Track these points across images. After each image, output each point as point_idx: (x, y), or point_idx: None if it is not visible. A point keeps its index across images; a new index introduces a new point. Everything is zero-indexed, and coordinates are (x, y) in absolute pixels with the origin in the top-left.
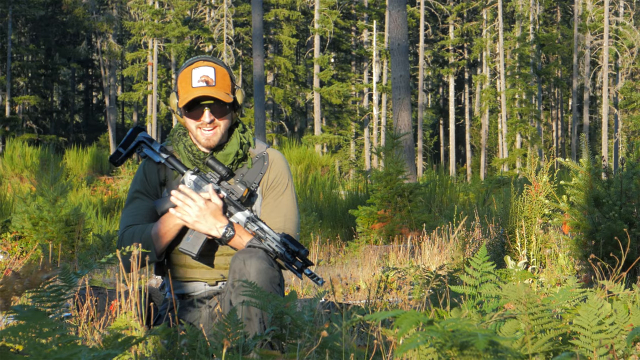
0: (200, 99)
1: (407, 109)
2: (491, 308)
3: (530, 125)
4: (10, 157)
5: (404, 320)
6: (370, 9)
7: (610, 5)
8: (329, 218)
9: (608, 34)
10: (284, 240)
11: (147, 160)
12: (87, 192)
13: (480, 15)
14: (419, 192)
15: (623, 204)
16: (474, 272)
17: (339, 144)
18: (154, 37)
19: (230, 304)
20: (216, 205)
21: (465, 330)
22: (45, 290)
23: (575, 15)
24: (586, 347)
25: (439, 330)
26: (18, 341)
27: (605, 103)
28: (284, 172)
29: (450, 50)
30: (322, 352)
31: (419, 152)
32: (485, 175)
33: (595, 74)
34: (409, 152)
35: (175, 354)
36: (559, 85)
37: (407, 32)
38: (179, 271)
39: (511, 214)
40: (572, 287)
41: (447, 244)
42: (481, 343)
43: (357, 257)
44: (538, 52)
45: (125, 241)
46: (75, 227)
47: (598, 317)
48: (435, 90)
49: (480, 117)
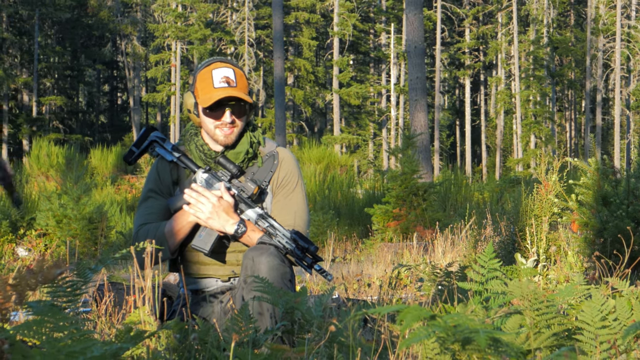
0: (225, 99)
1: (424, 110)
2: (497, 304)
3: (544, 126)
4: (37, 156)
5: (407, 315)
6: (388, 12)
7: (622, 9)
8: (346, 216)
9: (620, 36)
10: (294, 237)
11: (159, 159)
12: (111, 191)
13: (496, 19)
14: (433, 191)
15: (630, 203)
16: (481, 268)
17: (358, 144)
18: (177, 39)
19: (242, 299)
20: (228, 203)
21: (467, 325)
22: (61, 286)
23: (588, 19)
24: (589, 343)
25: (441, 325)
26: (33, 335)
27: (617, 104)
28: (294, 170)
29: (466, 52)
30: (331, 346)
31: (436, 152)
32: (501, 175)
33: (608, 76)
34: (425, 152)
35: (187, 348)
36: (573, 87)
37: (423, 35)
38: (192, 268)
39: (522, 213)
40: (577, 283)
41: (459, 242)
42: (482, 339)
43: (373, 255)
44: (552, 55)
45: (139, 239)
46: (99, 225)
47: (601, 313)
48: (451, 92)
49: (495, 118)
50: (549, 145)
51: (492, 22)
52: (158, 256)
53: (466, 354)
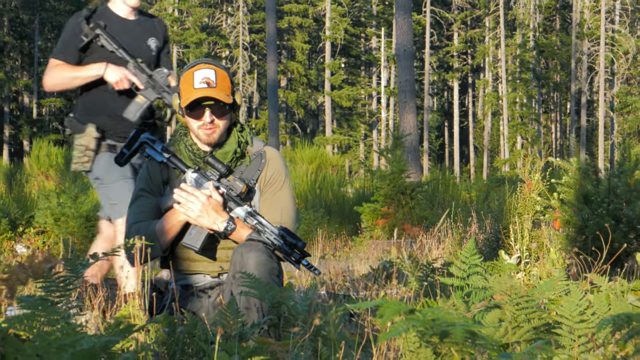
0: (202, 99)
1: (413, 112)
2: (478, 299)
3: (531, 127)
4: (37, 156)
5: (387, 310)
6: (379, 17)
7: (606, 14)
8: (337, 215)
9: (604, 40)
10: (281, 233)
11: (150, 160)
12: None
13: (483, 23)
14: (421, 190)
15: (611, 201)
16: (463, 264)
17: (349, 144)
18: (173, 43)
19: (231, 294)
20: (217, 201)
21: (445, 319)
22: (53, 280)
23: (574, 23)
24: (568, 337)
25: (419, 319)
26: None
27: (601, 106)
28: (281, 169)
29: (455, 56)
30: (315, 340)
31: (425, 152)
32: (488, 174)
33: (592, 78)
34: (414, 152)
35: (175, 341)
36: (558, 90)
37: (412, 38)
38: (183, 264)
39: (506, 211)
40: (557, 279)
41: (445, 239)
42: (459, 332)
43: (361, 252)
44: (538, 58)
45: (131, 237)
46: (95, 223)
47: (579, 308)
48: (440, 94)
49: (483, 120)
50: (535, 145)
51: (479, 27)
52: (149, 253)
53: (445, 347)
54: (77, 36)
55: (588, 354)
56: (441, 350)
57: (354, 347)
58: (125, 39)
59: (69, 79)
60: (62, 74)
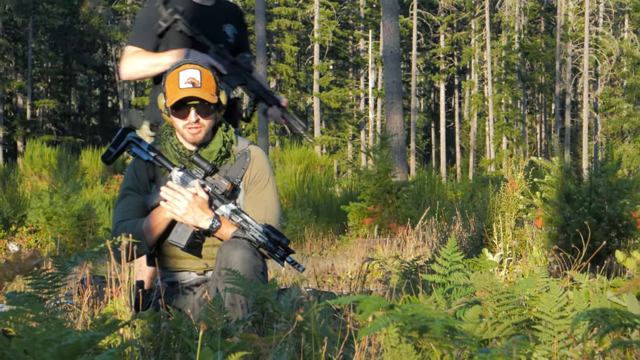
0: (187, 99)
1: (399, 113)
2: (460, 295)
3: (516, 128)
4: (30, 157)
5: (367, 305)
6: (367, 19)
7: (590, 16)
8: (325, 214)
9: (588, 43)
10: (266, 231)
11: (136, 158)
12: (101, 190)
13: (469, 26)
14: (407, 189)
15: (592, 200)
16: (444, 261)
17: (337, 145)
18: None
19: (216, 291)
20: (202, 199)
21: (424, 314)
22: (42, 277)
23: (558, 26)
24: (548, 333)
25: (399, 315)
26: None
27: (585, 107)
28: (265, 167)
29: (441, 58)
30: (298, 336)
31: (412, 153)
32: (474, 174)
33: (577, 80)
34: (400, 152)
35: (161, 337)
36: (543, 91)
37: (399, 40)
38: (169, 262)
39: (489, 210)
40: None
41: (430, 237)
42: (437, 328)
43: (347, 250)
44: (523, 60)
45: (118, 235)
46: (87, 222)
47: (559, 304)
48: (427, 96)
49: (469, 121)
50: (520, 146)
51: (465, 29)
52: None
53: (425, 343)
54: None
55: (567, 350)
56: (422, 346)
57: (337, 343)
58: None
59: (148, 66)
60: (141, 61)
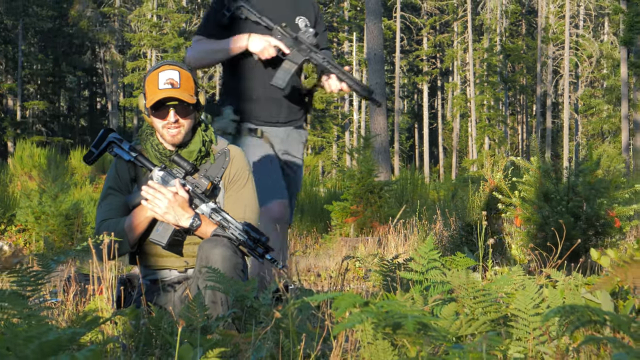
0: (166, 99)
1: (383, 114)
2: (437, 292)
3: (498, 128)
4: (20, 157)
5: (342, 302)
6: (351, 22)
7: (571, 19)
8: (309, 213)
9: (569, 45)
10: (245, 229)
11: (118, 159)
12: (89, 189)
13: (452, 28)
14: (389, 189)
15: (570, 199)
16: (422, 259)
17: (322, 145)
18: (152, 47)
19: (197, 288)
20: (183, 198)
21: (398, 311)
22: (25, 275)
23: (539, 28)
24: (523, 329)
25: (373, 311)
26: None
27: (566, 108)
28: (244, 166)
29: (424, 60)
30: (277, 332)
31: (396, 153)
32: (457, 174)
33: (557, 81)
34: (384, 153)
35: (143, 333)
36: (524, 92)
37: (383, 43)
38: (151, 260)
39: (469, 209)
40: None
41: (411, 236)
42: (410, 324)
43: (331, 249)
44: (504, 62)
45: (100, 234)
46: (75, 221)
47: (534, 301)
48: (410, 97)
49: (451, 122)
50: (502, 146)
51: (448, 31)
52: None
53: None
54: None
55: (542, 346)
56: (398, 342)
57: (315, 339)
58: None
59: (212, 52)
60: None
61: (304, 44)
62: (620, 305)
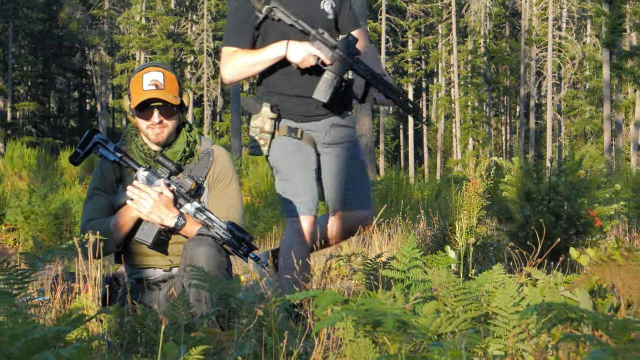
0: (150, 100)
1: (368, 115)
2: (418, 291)
3: (482, 129)
4: (11, 157)
5: (322, 300)
6: None
7: (554, 21)
8: None
9: (552, 47)
10: (230, 228)
11: (103, 159)
12: (79, 189)
13: (436, 30)
14: (374, 189)
15: (551, 199)
16: (403, 258)
17: None
18: (141, 49)
19: (182, 287)
20: (168, 198)
21: (378, 309)
22: (12, 273)
23: (522, 30)
24: (504, 327)
25: (353, 309)
26: None
27: (549, 110)
28: (228, 166)
29: (409, 61)
30: (260, 330)
31: (381, 153)
32: (441, 175)
33: (541, 83)
34: (369, 153)
35: (128, 331)
36: (508, 94)
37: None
38: (136, 259)
39: (452, 208)
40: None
41: (395, 235)
42: (390, 322)
43: None
44: (488, 64)
45: (86, 233)
46: (64, 220)
47: (514, 299)
48: None
49: (436, 123)
50: (486, 147)
51: (433, 34)
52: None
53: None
54: (249, 14)
55: (522, 344)
56: (379, 340)
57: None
58: (297, 6)
59: (249, 66)
60: (241, 62)
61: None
62: (599, 303)
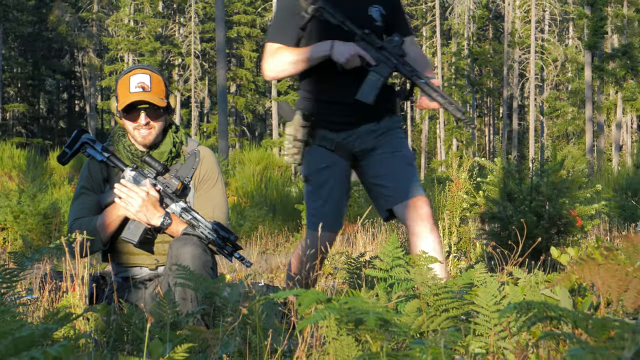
0: (137, 103)
1: None
2: (401, 289)
3: (466, 130)
4: (1, 158)
5: (305, 299)
6: None
7: (536, 24)
8: (281, 212)
9: (535, 49)
10: (215, 228)
11: (91, 159)
12: (68, 189)
13: (421, 33)
14: (359, 188)
15: (533, 199)
16: (386, 257)
17: None
18: (129, 51)
19: (168, 285)
20: (154, 198)
21: (360, 307)
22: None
23: (505, 33)
24: (485, 325)
25: (335, 307)
26: None
27: (532, 111)
28: (214, 167)
29: None
30: (245, 328)
31: None
32: (425, 175)
33: (524, 85)
34: None
35: (114, 329)
36: (491, 95)
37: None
38: (123, 258)
39: (435, 208)
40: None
41: (379, 234)
42: (371, 320)
43: None
44: (472, 66)
45: (73, 232)
46: (53, 220)
47: (495, 298)
48: None
49: (420, 123)
50: (469, 148)
51: (417, 36)
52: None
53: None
54: (297, 13)
55: (503, 342)
56: (362, 338)
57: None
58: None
59: (292, 63)
60: (284, 59)
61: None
62: (578, 301)
